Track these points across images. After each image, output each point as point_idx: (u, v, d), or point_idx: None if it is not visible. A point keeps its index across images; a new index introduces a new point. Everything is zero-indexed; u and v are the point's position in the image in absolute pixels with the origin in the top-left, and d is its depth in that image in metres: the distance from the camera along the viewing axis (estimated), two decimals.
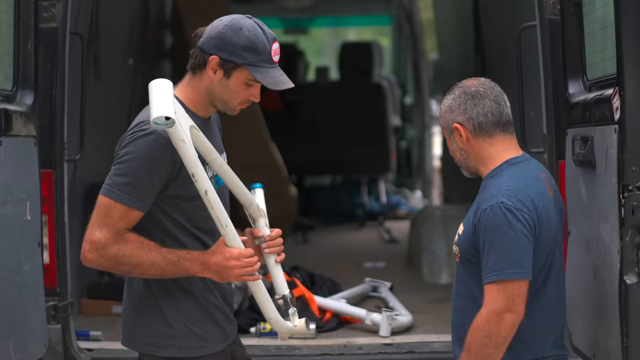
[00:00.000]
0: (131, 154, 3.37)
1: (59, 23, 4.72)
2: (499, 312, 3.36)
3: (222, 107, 3.52)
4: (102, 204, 3.39)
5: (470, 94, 3.57)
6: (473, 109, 3.55)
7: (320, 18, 13.47)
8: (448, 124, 3.59)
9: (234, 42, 3.42)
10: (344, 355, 5.06)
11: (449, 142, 3.64)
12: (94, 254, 3.38)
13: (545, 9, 4.62)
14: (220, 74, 3.44)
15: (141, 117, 3.47)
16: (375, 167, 10.73)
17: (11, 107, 4.38)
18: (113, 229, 3.37)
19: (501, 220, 3.38)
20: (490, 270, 3.38)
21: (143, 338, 3.53)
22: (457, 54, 8.84)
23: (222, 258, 3.39)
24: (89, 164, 5.96)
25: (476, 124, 3.54)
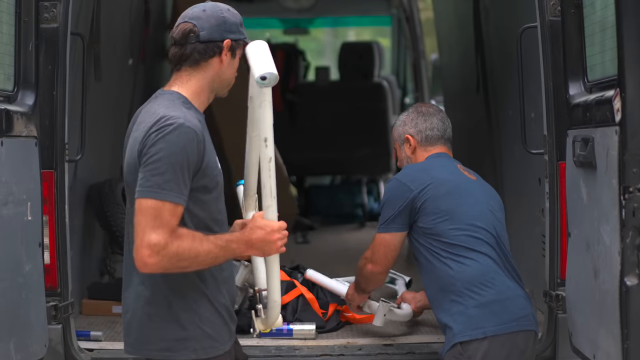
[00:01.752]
0: (164, 150, 3.39)
1: (60, 23, 4.72)
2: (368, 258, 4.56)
3: (223, 90, 3.68)
4: (150, 206, 3.36)
5: (421, 112, 4.60)
6: (424, 123, 4.58)
7: (320, 18, 13.47)
8: (400, 135, 4.62)
9: (234, 21, 3.63)
10: (344, 356, 5.06)
11: (398, 152, 4.64)
12: (155, 257, 3.34)
13: (545, 10, 4.62)
14: (229, 56, 3.62)
15: (161, 112, 3.48)
16: (375, 168, 10.73)
17: (12, 108, 4.38)
18: (167, 228, 3.36)
19: (389, 188, 4.46)
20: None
21: (156, 344, 3.51)
22: (457, 55, 8.83)
23: (264, 233, 3.53)
24: (89, 164, 5.96)
25: (424, 136, 4.56)
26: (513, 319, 4.17)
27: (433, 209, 4.33)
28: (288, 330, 5.32)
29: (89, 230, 6.25)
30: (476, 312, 4.17)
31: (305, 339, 5.25)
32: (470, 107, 7.12)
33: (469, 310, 4.19)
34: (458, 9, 8.34)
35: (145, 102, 3.68)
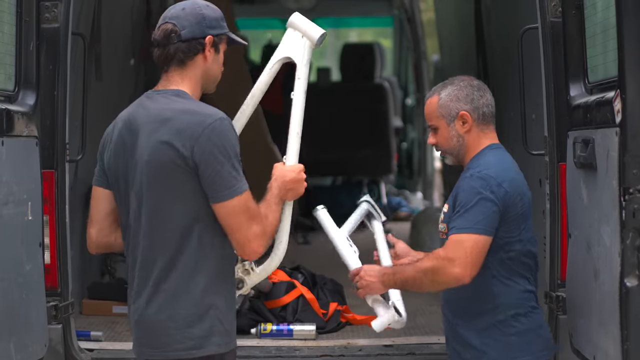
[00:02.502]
0: (223, 146, 3.47)
1: (61, 23, 4.72)
2: (451, 259, 3.75)
3: (211, 87, 3.69)
4: (237, 204, 3.47)
5: (475, 87, 3.99)
6: (480, 99, 3.97)
7: (322, 19, 13.45)
8: (451, 111, 3.94)
9: (213, 17, 3.64)
10: (344, 356, 5.07)
11: (443, 130, 3.97)
12: (264, 244, 3.55)
13: (546, 12, 4.62)
14: (212, 51, 3.63)
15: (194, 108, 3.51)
16: (376, 169, 10.73)
17: (13, 108, 4.38)
18: (259, 216, 3.52)
19: (477, 185, 3.81)
20: (459, 225, 3.79)
21: (182, 343, 3.49)
22: (458, 56, 8.83)
23: (295, 174, 3.80)
24: (90, 164, 5.95)
25: (480, 114, 3.96)
26: (545, 348, 3.98)
27: (515, 219, 3.89)
28: (288, 331, 5.32)
29: None
30: (515, 340, 3.90)
31: (306, 339, 5.26)
32: None
33: (509, 337, 3.90)
34: (459, 10, 8.34)
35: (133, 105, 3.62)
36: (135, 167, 3.52)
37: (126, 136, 3.57)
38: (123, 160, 3.57)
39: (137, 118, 3.57)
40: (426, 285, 3.84)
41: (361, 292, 4.02)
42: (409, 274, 3.85)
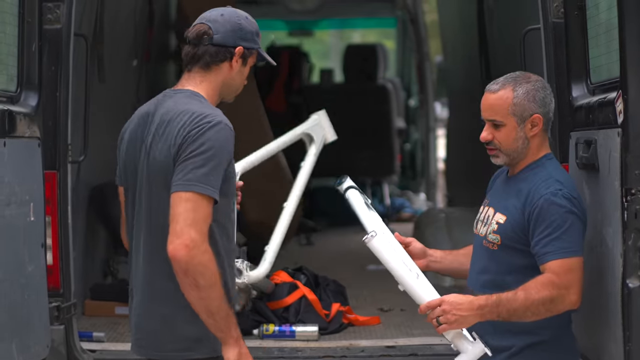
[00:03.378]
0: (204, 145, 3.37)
1: (64, 24, 4.73)
2: (567, 287, 3.52)
3: (229, 96, 3.68)
4: (189, 199, 3.32)
5: (549, 90, 3.74)
6: (550, 104, 3.72)
7: (325, 20, 13.47)
8: (525, 111, 3.66)
9: (249, 30, 3.64)
10: (346, 357, 5.06)
11: (510, 129, 3.66)
12: (188, 252, 3.29)
13: (549, 12, 4.61)
14: (240, 62, 3.63)
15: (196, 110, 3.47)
16: (380, 170, 10.73)
17: (15, 109, 4.38)
18: (204, 227, 3.33)
19: (566, 204, 3.57)
20: (562, 248, 3.54)
21: (174, 343, 3.47)
22: (461, 57, 8.83)
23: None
24: (92, 165, 5.97)
25: (547, 119, 3.73)
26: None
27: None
28: (291, 332, 5.32)
29: (92, 231, 6.25)
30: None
31: (308, 340, 5.25)
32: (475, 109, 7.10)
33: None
34: (462, 11, 8.35)
35: (152, 101, 3.64)
36: (141, 164, 3.53)
37: (137, 133, 3.58)
38: (132, 157, 3.57)
39: (149, 115, 3.58)
40: (541, 315, 3.54)
41: (445, 327, 3.54)
42: (519, 305, 3.51)
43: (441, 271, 3.96)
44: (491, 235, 3.69)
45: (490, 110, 3.70)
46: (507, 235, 3.65)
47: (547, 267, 3.55)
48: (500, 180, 3.89)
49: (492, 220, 3.71)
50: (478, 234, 3.80)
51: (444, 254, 3.93)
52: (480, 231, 3.77)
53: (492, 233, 3.69)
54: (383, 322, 5.73)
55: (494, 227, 3.69)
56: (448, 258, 3.95)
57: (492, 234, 3.69)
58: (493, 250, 3.68)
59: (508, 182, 3.79)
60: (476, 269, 3.77)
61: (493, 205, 3.77)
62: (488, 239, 3.70)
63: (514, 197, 3.68)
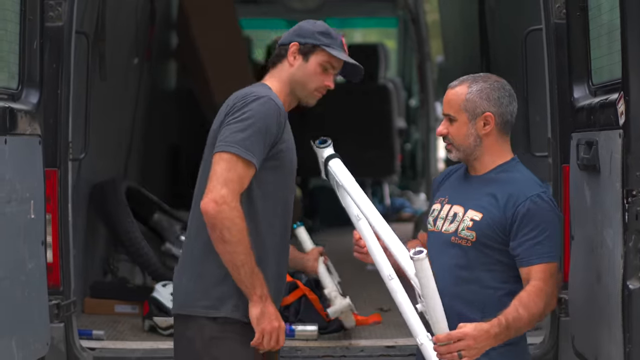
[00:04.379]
0: (247, 113, 3.60)
1: (65, 22, 4.73)
2: (552, 293, 3.60)
3: (301, 93, 3.82)
4: (226, 159, 3.57)
5: (507, 92, 3.76)
6: (508, 106, 3.73)
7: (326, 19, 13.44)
8: (477, 108, 3.69)
9: (310, 29, 3.82)
10: (346, 357, 5.06)
11: (462, 125, 3.70)
12: (217, 207, 3.52)
13: (551, 13, 4.61)
14: (299, 59, 3.79)
15: (248, 90, 3.72)
16: (380, 169, 10.72)
17: (16, 106, 4.38)
18: (237, 187, 3.56)
19: (551, 208, 3.64)
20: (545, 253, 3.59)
21: (201, 301, 3.66)
22: (462, 57, 8.83)
23: (272, 328, 3.67)
24: (93, 163, 5.97)
25: (504, 121, 3.72)
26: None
27: None
28: (290, 331, 5.32)
29: (92, 229, 6.25)
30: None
31: (308, 339, 5.26)
32: None
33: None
34: (464, 11, 8.35)
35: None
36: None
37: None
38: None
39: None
40: (534, 325, 3.66)
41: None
42: (524, 323, 3.56)
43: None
44: (464, 231, 3.68)
45: (447, 104, 3.75)
46: (483, 232, 3.65)
47: (531, 270, 3.60)
48: (456, 179, 3.86)
49: (463, 217, 3.69)
50: (439, 231, 3.75)
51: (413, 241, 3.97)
52: (445, 228, 3.73)
53: (466, 229, 3.67)
54: (383, 322, 5.73)
55: (468, 224, 3.67)
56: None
57: (466, 231, 3.67)
58: (466, 246, 3.67)
59: (471, 181, 3.77)
60: (443, 266, 3.68)
61: (458, 202, 3.74)
62: (460, 235, 3.68)
63: (489, 197, 3.68)
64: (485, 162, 3.75)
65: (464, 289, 3.67)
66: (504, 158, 3.75)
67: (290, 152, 3.78)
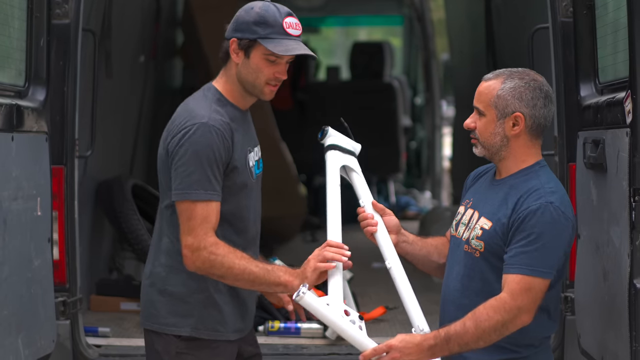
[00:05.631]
0: (189, 150, 3.47)
1: (72, 19, 4.73)
2: (520, 308, 3.30)
3: (253, 91, 3.62)
4: (184, 209, 3.49)
5: (544, 93, 3.48)
6: (542, 109, 3.46)
7: (332, 17, 13.47)
8: (508, 107, 3.44)
9: (246, 20, 3.55)
10: (351, 355, 5.05)
11: (490, 122, 3.46)
12: (191, 256, 3.48)
13: (557, 11, 4.61)
14: (241, 55, 3.57)
15: (189, 111, 3.56)
16: (385, 167, 10.72)
17: (23, 103, 4.38)
18: (202, 229, 3.47)
19: (554, 219, 3.33)
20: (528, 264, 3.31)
21: (165, 318, 3.60)
22: (468, 55, 8.83)
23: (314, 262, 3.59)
24: (99, 160, 5.97)
25: (536, 124, 3.46)
26: None
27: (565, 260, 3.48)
28: (296, 329, 5.32)
29: (98, 227, 6.26)
30: None
31: (313, 337, 5.25)
32: None
33: None
34: (470, 9, 8.34)
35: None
36: None
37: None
38: None
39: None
40: (492, 341, 3.34)
41: None
42: (470, 337, 3.33)
43: (407, 254, 3.74)
44: (474, 241, 3.47)
45: (478, 97, 3.52)
46: (491, 242, 3.42)
47: (506, 279, 3.34)
48: (484, 181, 3.63)
49: (476, 224, 3.49)
50: (459, 237, 3.55)
51: (415, 239, 3.75)
52: (462, 235, 3.53)
53: (475, 239, 3.46)
54: (388, 320, 5.73)
55: (477, 233, 3.46)
56: (418, 244, 3.75)
57: (475, 240, 3.46)
58: (475, 257, 3.46)
59: (493, 186, 3.54)
60: (456, 275, 3.54)
61: (477, 208, 3.52)
62: (471, 245, 3.47)
63: (502, 205, 3.45)
64: (508, 166, 3.49)
65: (473, 301, 3.43)
66: (528, 162, 3.48)
67: (242, 168, 3.59)
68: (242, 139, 3.60)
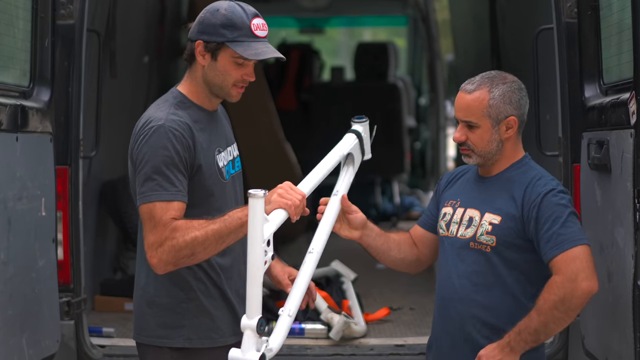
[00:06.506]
0: (147, 154, 3.42)
1: (77, 20, 4.73)
2: (573, 279, 3.41)
3: (220, 93, 3.57)
4: (144, 212, 3.43)
5: (524, 91, 3.63)
6: (525, 106, 3.62)
7: (336, 18, 13.46)
8: (500, 113, 3.55)
9: (212, 22, 3.49)
10: (355, 355, 5.06)
11: (485, 131, 3.56)
12: (155, 255, 3.39)
13: (562, 12, 4.60)
14: (208, 57, 3.51)
15: (147, 114, 3.54)
16: (390, 168, 10.71)
17: (28, 104, 4.39)
18: (161, 226, 3.39)
19: (564, 201, 3.51)
20: (564, 240, 3.44)
21: (154, 330, 3.57)
22: (472, 56, 8.82)
23: (282, 191, 3.42)
24: (104, 160, 5.98)
25: (522, 121, 3.63)
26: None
27: None
28: (300, 330, 5.32)
29: (102, 227, 6.27)
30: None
31: (317, 338, 5.25)
32: None
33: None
34: (474, 9, 8.33)
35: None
36: None
37: None
38: None
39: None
40: (562, 320, 3.45)
41: None
42: (536, 323, 3.44)
43: (369, 247, 3.82)
44: (484, 236, 3.55)
45: (466, 111, 3.58)
46: (503, 236, 3.53)
47: (551, 265, 3.46)
48: (467, 182, 3.73)
49: (480, 221, 3.57)
50: (454, 236, 3.63)
51: (379, 233, 3.81)
52: (461, 233, 3.61)
53: (485, 234, 3.55)
54: (392, 320, 5.73)
55: (487, 228, 3.56)
56: (381, 238, 3.83)
57: (485, 236, 3.55)
58: (486, 252, 3.55)
59: (485, 183, 3.65)
60: (462, 273, 3.60)
61: (473, 206, 3.62)
62: (480, 241, 3.56)
63: (504, 197, 3.57)
64: (500, 164, 3.63)
65: (485, 296, 3.54)
66: (518, 157, 3.65)
67: (208, 168, 3.54)
68: (208, 139, 3.55)
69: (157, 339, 3.57)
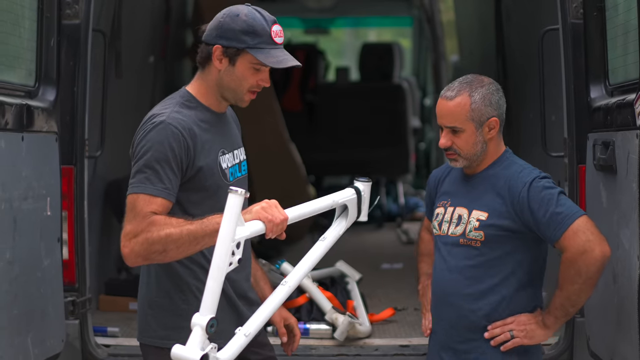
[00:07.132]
0: (145, 147, 3.44)
1: (82, 20, 4.74)
2: (582, 250, 3.54)
3: (232, 97, 3.58)
4: (128, 202, 3.44)
5: (501, 91, 3.77)
6: (503, 106, 3.77)
7: (341, 18, 13.46)
8: (483, 115, 3.70)
9: (233, 28, 3.48)
10: (360, 356, 5.06)
11: (469, 134, 3.70)
12: (128, 245, 3.38)
13: (568, 13, 4.60)
14: (225, 62, 3.51)
15: (152, 111, 3.56)
16: (394, 169, 10.72)
17: (33, 103, 4.40)
18: (139, 217, 3.38)
19: (549, 184, 3.65)
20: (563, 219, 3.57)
21: (156, 331, 3.58)
22: (478, 56, 8.81)
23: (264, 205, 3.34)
24: (109, 160, 5.98)
25: (502, 120, 3.77)
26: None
27: None
28: (304, 330, 5.31)
29: (107, 227, 6.27)
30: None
31: (322, 338, 5.25)
32: None
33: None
34: (479, 10, 8.32)
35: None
36: None
37: None
38: None
39: None
40: (584, 291, 3.59)
41: (517, 341, 3.68)
42: (560, 299, 3.64)
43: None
44: (473, 232, 3.71)
45: (449, 117, 3.71)
46: (491, 230, 3.68)
47: (559, 246, 3.61)
48: (454, 180, 3.88)
49: (468, 219, 3.73)
50: (446, 234, 3.79)
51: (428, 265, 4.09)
52: (452, 231, 3.77)
53: (473, 230, 3.71)
54: (397, 321, 5.73)
55: (474, 225, 3.71)
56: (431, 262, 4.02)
57: (473, 232, 3.71)
58: (476, 246, 3.71)
59: (471, 181, 3.80)
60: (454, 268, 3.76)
61: (461, 204, 3.78)
62: (469, 237, 3.72)
63: (490, 193, 3.73)
64: (484, 162, 3.78)
65: (477, 289, 3.72)
66: (499, 153, 3.79)
67: (209, 169, 3.53)
68: (211, 140, 3.55)
69: (159, 340, 3.58)
